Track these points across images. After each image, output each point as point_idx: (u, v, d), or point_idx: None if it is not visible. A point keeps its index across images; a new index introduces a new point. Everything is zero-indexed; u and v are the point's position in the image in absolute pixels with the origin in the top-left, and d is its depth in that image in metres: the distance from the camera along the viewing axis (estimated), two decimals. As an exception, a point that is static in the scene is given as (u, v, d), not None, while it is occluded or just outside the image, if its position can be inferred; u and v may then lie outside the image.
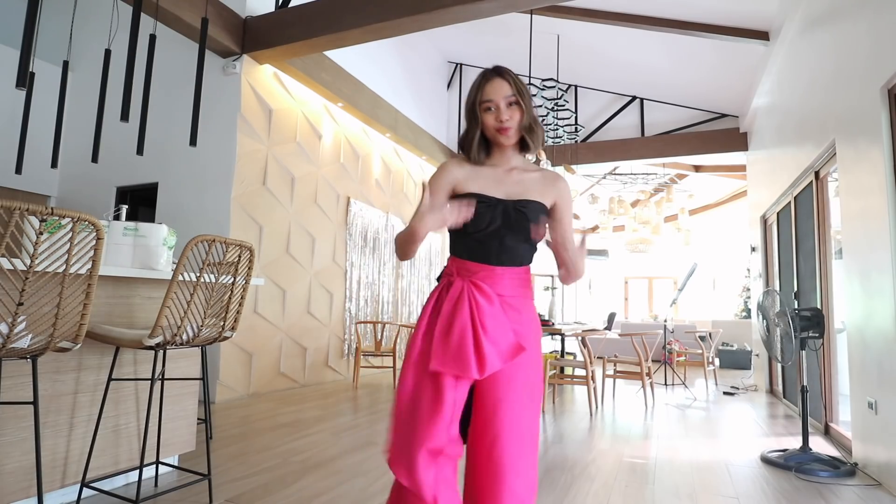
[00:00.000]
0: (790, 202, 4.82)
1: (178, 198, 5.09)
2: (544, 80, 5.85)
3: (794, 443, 3.57)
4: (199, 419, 3.39)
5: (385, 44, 7.11)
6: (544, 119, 6.36)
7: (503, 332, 1.35)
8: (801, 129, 4.28)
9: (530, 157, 1.58)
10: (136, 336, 1.97)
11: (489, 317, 1.33)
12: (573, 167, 7.36)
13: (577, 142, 7.76)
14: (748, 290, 9.64)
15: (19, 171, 3.85)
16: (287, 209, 5.41)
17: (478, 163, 1.45)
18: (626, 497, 2.46)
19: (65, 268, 1.63)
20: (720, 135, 7.21)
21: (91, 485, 2.17)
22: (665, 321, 6.93)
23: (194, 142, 3.75)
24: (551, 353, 6.19)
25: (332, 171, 6.11)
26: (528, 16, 6.15)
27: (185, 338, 2.04)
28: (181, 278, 1.98)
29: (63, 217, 1.57)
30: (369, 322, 5.80)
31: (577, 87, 8.05)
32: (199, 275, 2.00)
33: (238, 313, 2.29)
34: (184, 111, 5.13)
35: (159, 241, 2.44)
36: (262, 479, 2.56)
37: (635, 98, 7.78)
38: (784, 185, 4.89)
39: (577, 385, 5.64)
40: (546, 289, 12.91)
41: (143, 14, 3.83)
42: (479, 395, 1.36)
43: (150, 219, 5.33)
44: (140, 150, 3.55)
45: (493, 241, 1.38)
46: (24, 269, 1.55)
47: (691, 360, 7.06)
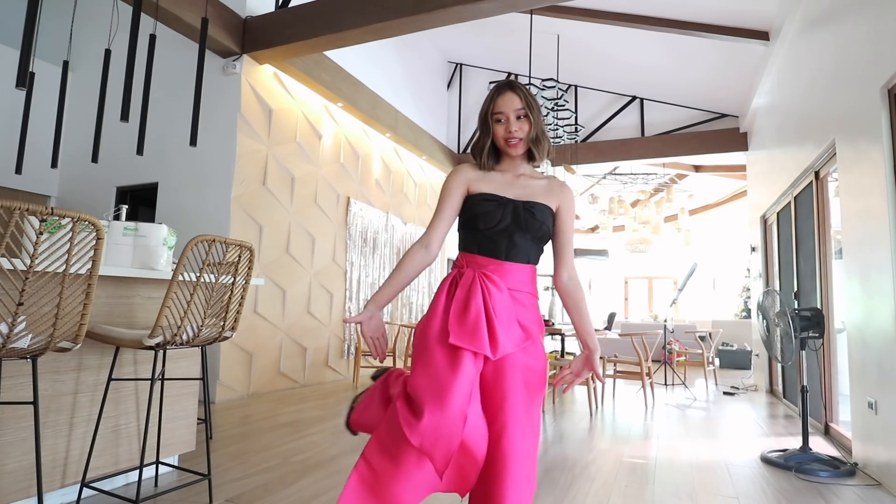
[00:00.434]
0: (790, 202, 4.82)
1: (178, 198, 5.09)
2: (544, 80, 5.85)
3: (794, 443, 3.57)
4: (199, 419, 3.38)
5: (385, 44, 7.11)
6: (544, 119, 6.36)
7: (512, 320, 1.42)
8: (801, 129, 4.28)
9: (542, 168, 1.66)
10: (136, 336, 1.97)
11: (499, 304, 1.40)
12: (573, 167, 7.36)
13: (577, 142, 7.76)
14: (748, 290, 9.64)
15: (19, 171, 3.85)
16: (287, 209, 5.41)
17: (487, 169, 1.56)
18: (626, 497, 2.46)
19: (65, 268, 1.63)
20: (720, 135, 7.21)
21: (91, 485, 2.17)
22: (665, 321, 6.93)
23: (194, 142, 3.75)
24: (551, 353, 6.19)
25: (332, 171, 6.11)
26: (528, 16, 6.15)
27: (185, 338, 2.04)
28: (181, 278, 1.98)
29: (63, 217, 1.57)
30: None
31: (577, 87, 8.05)
32: (199, 275, 2.00)
33: (238, 313, 2.29)
34: (184, 111, 5.13)
35: (159, 241, 2.44)
36: (262, 479, 2.56)
37: (635, 98, 7.78)
38: (784, 185, 4.89)
39: (577, 385, 5.64)
40: (546, 289, 12.91)
41: (143, 14, 3.83)
42: (487, 388, 1.40)
43: (150, 219, 5.33)
44: (140, 150, 3.55)
45: (503, 237, 1.47)
46: (24, 269, 1.55)
47: (691, 360, 7.06)
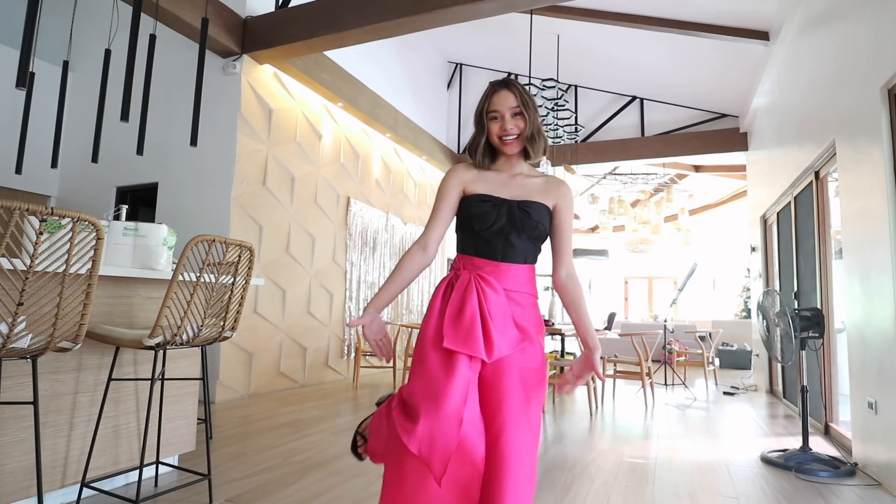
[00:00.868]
0: (790, 202, 4.82)
1: (178, 198, 5.09)
2: (544, 80, 5.85)
3: (794, 443, 3.57)
4: (199, 419, 3.38)
5: (385, 44, 7.11)
6: (544, 119, 6.36)
7: (508, 321, 1.41)
8: (801, 129, 4.28)
9: (542, 168, 1.65)
10: (136, 336, 1.97)
11: (495, 306, 1.39)
12: (573, 167, 7.36)
13: (577, 142, 7.76)
14: (748, 290, 9.64)
15: (19, 171, 3.85)
16: (287, 209, 5.41)
17: (483, 168, 1.55)
18: (626, 497, 2.46)
19: (65, 268, 1.63)
20: (720, 135, 7.20)
21: (91, 485, 2.17)
22: (665, 321, 6.93)
23: (194, 142, 3.75)
24: (551, 353, 6.19)
25: (332, 171, 6.11)
26: (528, 16, 6.15)
27: (185, 338, 2.04)
28: (181, 278, 1.98)
29: (63, 217, 1.57)
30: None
31: (577, 87, 8.05)
32: (199, 275, 2.00)
33: (238, 313, 2.29)
34: (184, 111, 5.13)
35: (159, 241, 2.44)
36: (262, 479, 2.56)
37: (635, 98, 7.78)
38: (784, 185, 4.89)
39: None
40: (546, 289, 12.91)
41: (143, 14, 3.83)
42: (485, 390, 1.39)
43: (150, 219, 5.33)
44: (140, 150, 3.55)
45: (499, 238, 1.46)
46: (24, 269, 1.55)
47: (691, 360, 7.06)
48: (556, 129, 6.55)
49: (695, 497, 2.49)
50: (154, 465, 2.49)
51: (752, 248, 6.69)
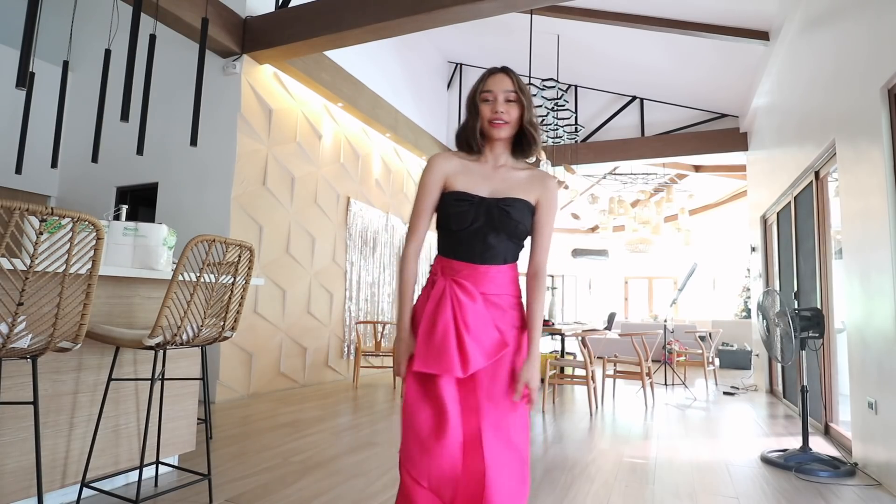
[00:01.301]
0: (790, 202, 4.82)
1: (178, 198, 5.09)
2: (544, 80, 5.85)
3: (794, 443, 3.57)
4: (199, 419, 3.38)
5: (385, 44, 7.11)
6: (544, 119, 6.36)
7: (487, 329, 1.36)
8: (801, 129, 4.28)
9: (530, 157, 1.59)
10: (136, 336, 1.97)
11: (472, 314, 1.35)
12: (573, 167, 7.35)
13: (577, 142, 7.76)
14: (748, 290, 9.64)
15: (19, 171, 3.85)
16: (287, 209, 5.41)
17: (472, 153, 1.48)
18: (626, 497, 2.46)
19: (65, 268, 1.63)
20: (720, 135, 7.20)
21: (91, 485, 2.17)
22: (665, 321, 6.93)
23: (194, 142, 3.75)
24: (551, 353, 6.18)
25: (332, 171, 6.11)
26: (528, 16, 6.15)
27: (185, 338, 2.04)
28: (181, 278, 1.98)
29: (63, 217, 1.57)
30: (369, 322, 5.80)
31: (577, 87, 8.05)
32: (199, 275, 2.00)
33: (238, 313, 2.29)
34: (184, 111, 5.13)
35: (159, 241, 2.44)
36: (262, 479, 2.56)
37: (635, 98, 7.78)
38: (784, 185, 4.89)
39: (577, 385, 5.64)
40: (546, 289, 12.90)
41: (143, 14, 3.82)
42: (464, 396, 1.37)
43: (150, 219, 5.33)
44: (140, 150, 3.55)
45: (477, 239, 1.40)
46: (24, 269, 1.55)
47: (691, 360, 7.06)
48: (556, 129, 6.55)
49: (695, 497, 2.49)
50: (154, 465, 2.49)
51: (752, 248, 6.69)
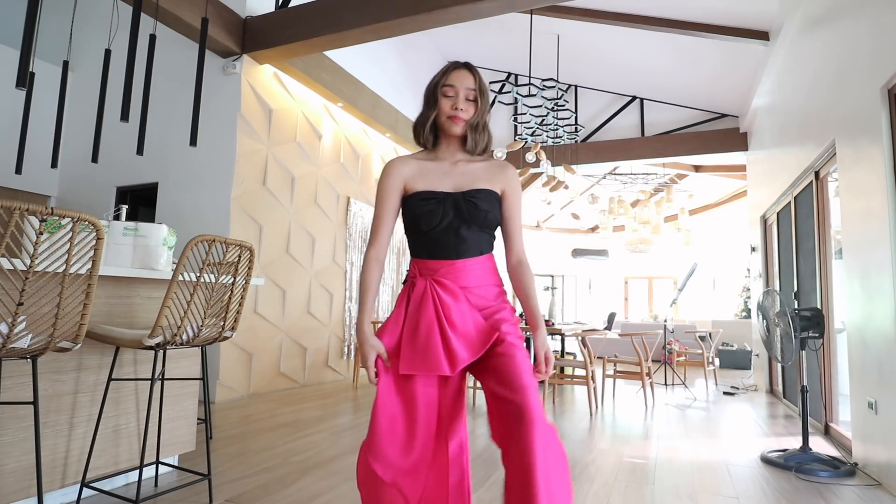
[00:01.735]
0: (790, 202, 4.82)
1: (178, 198, 5.09)
2: (544, 80, 5.85)
3: (794, 443, 3.57)
4: (199, 419, 3.39)
5: (385, 44, 7.11)
6: (544, 119, 6.36)
7: (472, 323, 1.36)
8: (801, 129, 4.28)
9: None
10: (136, 336, 1.97)
11: (455, 311, 1.35)
12: (573, 167, 7.35)
13: (577, 142, 7.76)
14: (748, 290, 9.64)
15: (19, 171, 3.85)
16: (287, 209, 5.41)
17: (427, 149, 1.49)
18: (626, 497, 2.46)
19: (65, 268, 1.63)
20: (720, 135, 7.20)
21: (91, 485, 2.17)
22: (665, 321, 6.93)
23: (194, 142, 3.75)
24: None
25: (332, 171, 6.11)
26: (528, 16, 6.15)
27: (185, 338, 2.04)
28: (181, 278, 1.98)
29: (63, 217, 1.57)
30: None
31: (577, 87, 8.05)
32: (199, 275, 2.00)
33: (238, 313, 2.28)
34: (184, 111, 5.13)
35: (159, 241, 2.44)
36: (262, 479, 2.56)
37: (635, 98, 7.78)
38: (784, 185, 4.89)
39: (577, 385, 5.64)
40: (546, 289, 12.91)
41: (143, 14, 3.83)
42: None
43: (150, 219, 5.33)
44: (140, 150, 3.55)
45: (449, 235, 1.40)
46: (24, 269, 1.55)
47: (691, 360, 7.06)
48: (556, 129, 6.55)
49: (695, 497, 2.49)
50: (154, 465, 2.49)
51: (752, 248, 6.69)
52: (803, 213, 4.47)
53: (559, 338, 5.78)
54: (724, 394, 5.85)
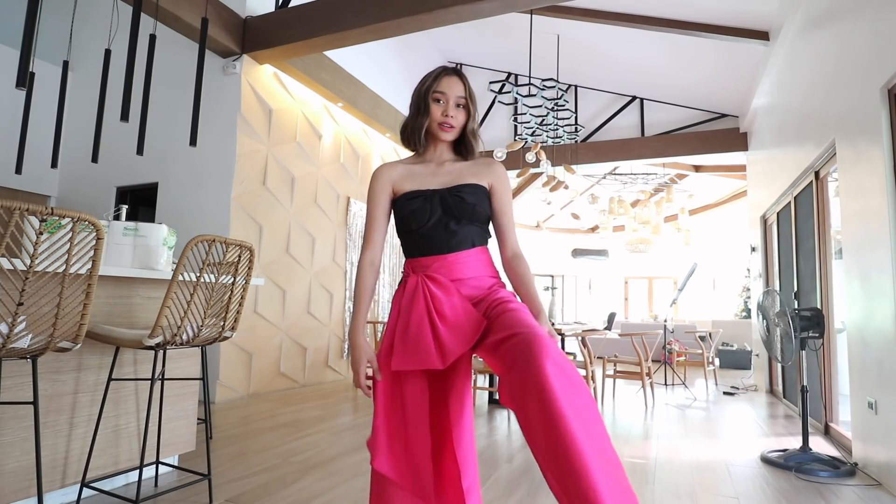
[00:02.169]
0: (790, 202, 4.82)
1: (178, 198, 5.09)
2: (544, 80, 5.85)
3: (794, 443, 3.57)
4: (199, 419, 3.38)
5: (385, 44, 7.11)
6: (544, 119, 6.36)
7: (463, 314, 1.35)
8: (801, 129, 4.28)
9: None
10: (136, 336, 1.97)
11: (446, 304, 1.34)
12: (573, 167, 7.35)
13: (577, 142, 7.75)
14: (748, 290, 9.64)
15: (19, 171, 3.85)
16: (287, 209, 5.41)
17: (415, 152, 1.52)
18: (626, 497, 2.46)
19: (65, 268, 1.63)
20: (720, 135, 7.20)
21: (91, 485, 2.17)
22: (665, 321, 6.93)
23: (194, 142, 3.75)
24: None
25: (332, 171, 6.11)
26: (528, 16, 6.15)
27: (185, 338, 2.04)
28: (181, 278, 1.98)
29: (63, 217, 1.57)
30: (369, 322, 5.80)
31: (577, 87, 8.05)
32: (199, 275, 2.00)
33: (238, 313, 2.29)
34: (184, 111, 5.13)
35: (159, 241, 2.44)
36: (262, 479, 2.56)
37: (635, 98, 7.77)
38: (784, 185, 4.89)
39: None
40: (546, 289, 12.91)
41: (143, 14, 3.82)
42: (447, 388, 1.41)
43: (150, 219, 5.33)
44: (140, 150, 3.55)
45: (439, 231, 1.41)
46: (24, 269, 1.55)
47: (691, 360, 7.06)
48: (556, 129, 6.55)
49: (695, 497, 2.49)
50: (154, 465, 2.49)
51: (752, 248, 6.69)
52: (803, 214, 4.47)
53: (559, 338, 5.77)
54: (724, 394, 5.85)
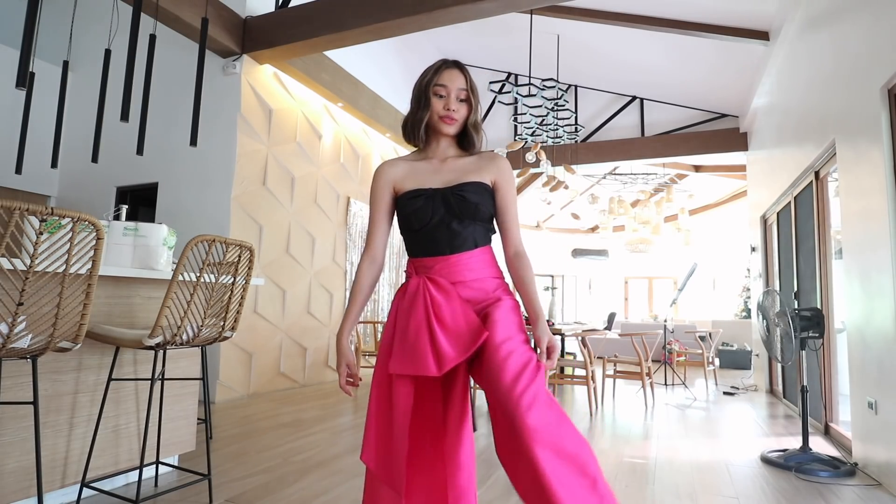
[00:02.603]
0: (790, 202, 4.82)
1: (178, 198, 5.09)
2: (544, 80, 5.85)
3: (794, 443, 3.57)
4: (199, 419, 3.38)
5: (385, 44, 7.11)
6: (544, 119, 6.36)
7: (463, 320, 1.32)
8: (800, 129, 4.28)
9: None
10: (136, 336, 1.97)
11: (446, 309, 1.32)
12: (573, 167, 7.35)
13: (577, 142, 7.75)
14: (748, 290, 9.64)
15: (19, 171, 3.85)
16: (287, 209, 5.41)
17: (417, 148, 1.50)
18: (626, 497, 2.46)
19: (65, 268, 1.63)
20: (720, 135, 7.20)
21: (91, 485, 2.17)
22: (665, 321, 6.93)
23: (194, 142, 3.75)
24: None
25: (332, 171, 6.11)
26: (528, 16, 6.15)
27: (185, 338, 2.04)
28: (181, 278, 1.98)
29: (63, 217, 1.57)
30: (369, 322, 5.80)
31: (577, 87, 8.05)
32: (199, 275, 2.00)
33: (238, 313, 2.29)
34: (184, 111, 5.13)
35: (159, 241, 2.44)
36: (262, 479, 2.56)
37: (635, 98, 7.77)
38: (784, 185, 4.89)
39: (577, 385, 5.64)
40: (546, 289, 12.91)
41: (143, 14, 3.82)
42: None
43: (150, 219, 5.33)
44: (140, 150, 3.55)
45: (441, 230, 1.38)
46: (24, 269, 1.55)
47: (691, 360, 7.06)
48: (556, 129, 6.55)
49: (695, 497, 2.49)
50: (154, 465, 2.49)
51: (752, 248, 6.69)
52: (803, 214, 4.47)
53: (559, 338, 5.78)
54: (724, 394, 5.85)
